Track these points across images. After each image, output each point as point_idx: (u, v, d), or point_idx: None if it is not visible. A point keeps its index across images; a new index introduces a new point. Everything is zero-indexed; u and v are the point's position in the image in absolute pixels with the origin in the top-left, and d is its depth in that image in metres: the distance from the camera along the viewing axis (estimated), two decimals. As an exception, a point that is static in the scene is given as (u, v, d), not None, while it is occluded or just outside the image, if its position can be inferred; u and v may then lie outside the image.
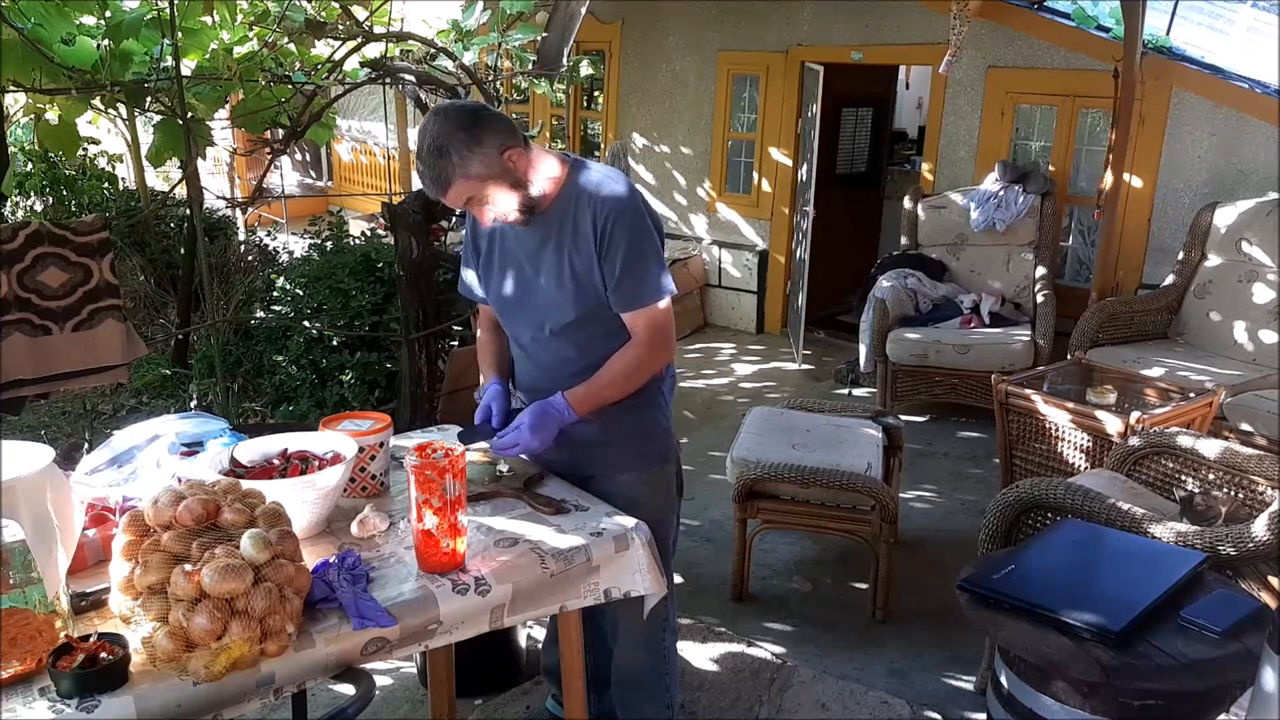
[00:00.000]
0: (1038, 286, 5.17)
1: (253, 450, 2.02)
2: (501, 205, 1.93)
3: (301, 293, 4.96)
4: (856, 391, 5.55)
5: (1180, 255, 4.83)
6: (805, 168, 6.09)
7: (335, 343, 4.67)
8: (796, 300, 6.06)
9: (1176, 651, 1.79)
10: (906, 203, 5.70)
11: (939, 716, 2.73)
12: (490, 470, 2.15)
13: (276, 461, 2.00)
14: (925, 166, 6.02)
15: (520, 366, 2.23)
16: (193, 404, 4.79)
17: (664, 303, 2.03)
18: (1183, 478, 2.87)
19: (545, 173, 1.98)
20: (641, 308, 2.01)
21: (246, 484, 1.71)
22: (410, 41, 3.98)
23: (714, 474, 4.24)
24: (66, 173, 6.85)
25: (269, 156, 4.60)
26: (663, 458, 2.23)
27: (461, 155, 1.85)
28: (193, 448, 2.12)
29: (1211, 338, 4.60)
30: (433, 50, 3.97)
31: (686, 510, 2.52)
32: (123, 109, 5.22)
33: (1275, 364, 4.22)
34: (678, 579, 2.71)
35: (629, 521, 1.98)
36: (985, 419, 4.57)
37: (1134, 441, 3.03)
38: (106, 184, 7.14)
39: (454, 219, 4.06)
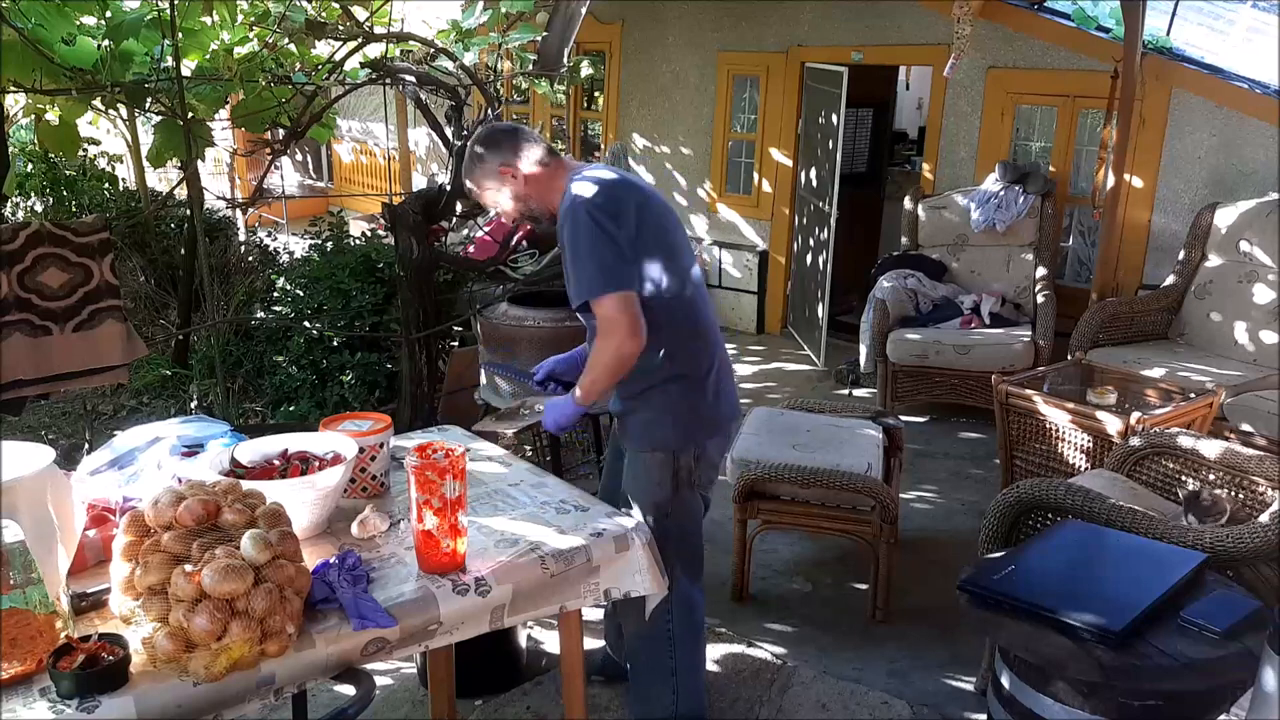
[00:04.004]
0: (1038, 287, 5.17)
1: (253, 451, 2.02)
2: (503, 207, 2.35)
3: (302, 293, 4.96)
4: (857, 392, 5.55)
5: (1180, 255, 4.82)
6: (815, 170, 6.07)
7: (335, 343, 4.67)
8: (816, 309, 6.03)
9: (1176, 651, 1.80)
10: (907, 203, 5.70)
11: (939, 717, 2.73)
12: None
13: (277, 462, 2.01)
14: (925, 167, 6.02)
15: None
16: (193, 404, 4.80)
17: (608, 297, 2.08)
18: (1183, 478, 2.87)
19: (549, 186, 2.28)
20: (588, 300, 2.13)
21: (247, 484, 1.72)
22: (410, 42, 3.98)
23: (714, 474, 4.24)
24: (67, 173, 6.83)
25: (269, 157, 4.59)
26: (655, 445, 2.30)
27: (471, 165, 2.32)
28: (193, 449, 2.12)
29: (1212, 338, 4.60)
30: (433, 50, 3.97)
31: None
32: (123, 109, 5.22)
33: (1275, 364, 4.22)
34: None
35: (629, 522, 2.00)
36: (985, 419, 4.57)
37: (1134, 442, 3.03)
38: (107, 184, 7.13)
39: (454, 219, 4.06)
